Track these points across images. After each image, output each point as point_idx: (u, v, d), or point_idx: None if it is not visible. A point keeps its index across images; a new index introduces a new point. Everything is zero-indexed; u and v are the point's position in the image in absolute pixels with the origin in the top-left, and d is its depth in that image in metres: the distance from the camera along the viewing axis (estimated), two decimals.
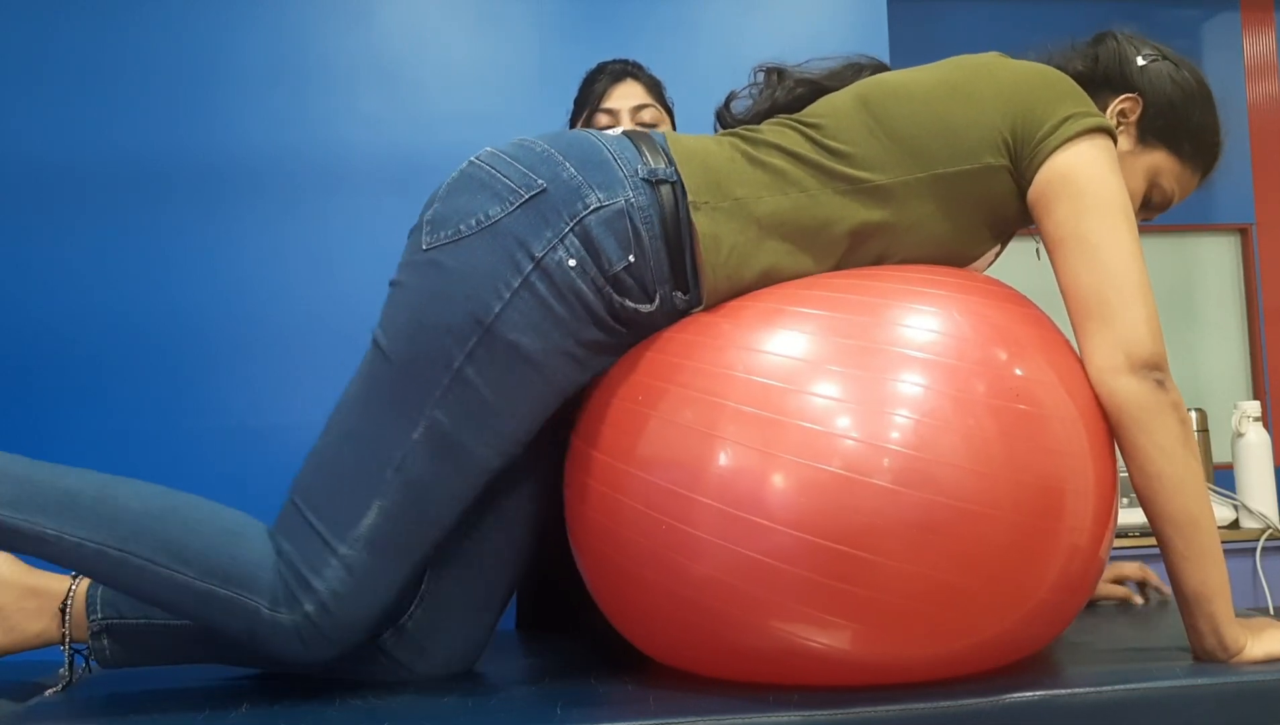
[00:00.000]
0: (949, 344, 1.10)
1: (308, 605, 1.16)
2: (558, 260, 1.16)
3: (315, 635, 1.17)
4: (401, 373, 1.17)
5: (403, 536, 1.18)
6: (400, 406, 1.16)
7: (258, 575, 1.17)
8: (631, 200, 1.18)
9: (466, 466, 1.18)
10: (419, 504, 1.18)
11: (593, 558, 1.23)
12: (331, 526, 1.17)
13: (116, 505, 1.18)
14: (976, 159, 1.22)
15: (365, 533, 1.16)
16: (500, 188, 1.18)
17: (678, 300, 1.21)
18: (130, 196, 2.29)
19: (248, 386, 2.29)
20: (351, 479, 1.17)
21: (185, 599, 1.18)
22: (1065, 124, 1.20)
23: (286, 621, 1.16)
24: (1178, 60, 1.36)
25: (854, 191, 1.22)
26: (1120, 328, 1.15)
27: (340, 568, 1.16)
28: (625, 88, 2.01)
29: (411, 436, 1.16)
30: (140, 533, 1.17)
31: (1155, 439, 1.14)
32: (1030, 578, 1.10)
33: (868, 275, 1.21)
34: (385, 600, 1.19)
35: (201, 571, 1.17)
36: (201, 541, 1.18)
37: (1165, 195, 1.37)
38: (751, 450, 1.07)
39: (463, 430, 1.17)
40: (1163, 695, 1.11)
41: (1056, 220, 1.20)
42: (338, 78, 2.37)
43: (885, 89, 1.27)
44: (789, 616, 1.07)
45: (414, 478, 1.17)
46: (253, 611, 1.17)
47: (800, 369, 1.09)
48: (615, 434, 1.17)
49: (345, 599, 1.16)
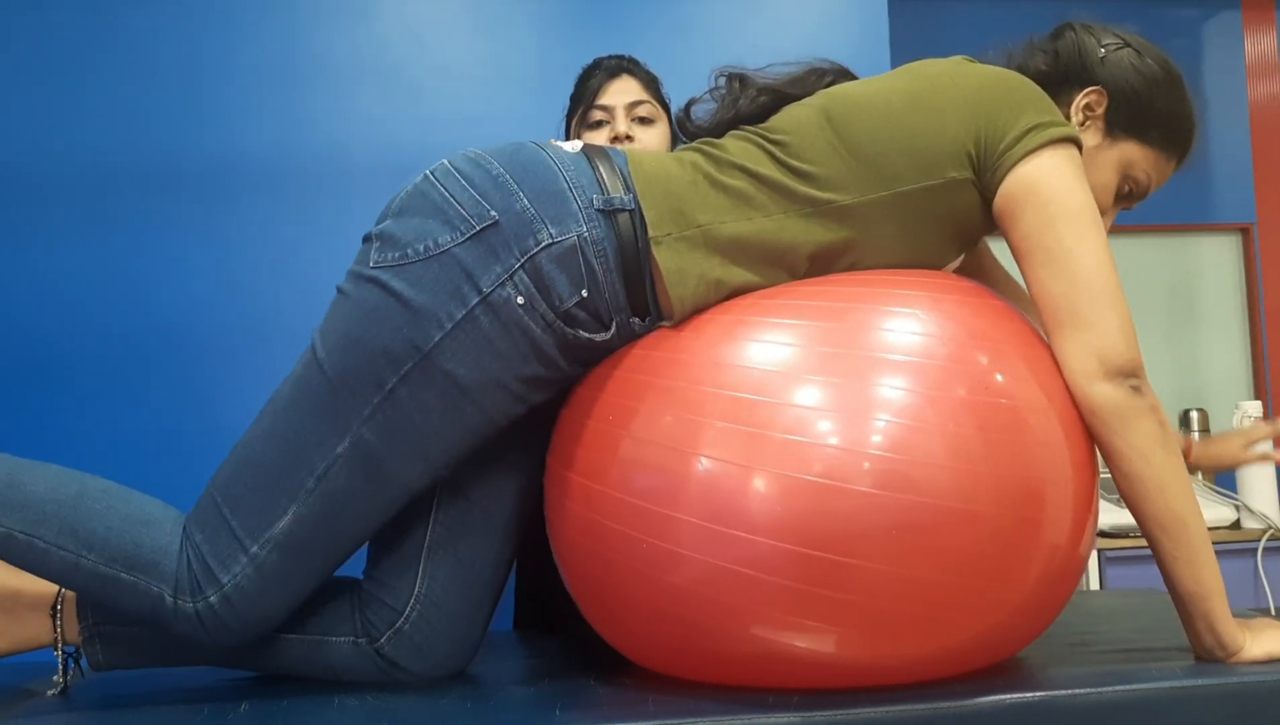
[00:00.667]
0: (922, 344, 1.10)
1: (211, 596, 1.18)
2: (505, 297, 1.15)
3: (217, 624, 1.19)
4: (334, 385, 1.17)
5: (315, 543, 1.19)
6: (329, 418, 1.17)
7: (161, 563, 1.19)
8: (585, 235, 1.17)
9: (388, 484, 1.19)
10: (336, 515, 1.18)
11: (577, 576, 1.23)
12: (245, 525, 1.18)
13: (23, 489, 1.20)
14: (940, 173, 1.21)
15: (278, 535, 1.18)
16: (452, 214, 1.17)
17: (635, 326, 1.21)
18: (130, 196, 2.29)
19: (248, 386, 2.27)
20: (271, 481, 1.18)
21: (90, 583, 1.20)
22: (1029, 135, 1.19)
23: (189, 609, 1.19)
24: (1140, 46, 1.33)
25: (816, 214, 1.21)
26: (1094, 335, 1.14)
27: (249, 565, 1.18)
28: (621, 84, 2.00)
29: (336, 449, 1.16)
30: (46, 518, 1.19)
31: (1134, 443, 1.14)
32: (1014, 574, 1.09)
33: (834, 281, 1.20)
34: (289, 600, 1.22)
35: (105, 557, 1.19)
36: (107, 528, 1.20)
37: (1141, 186, 1.34)
38: (728, 464, 1.07)
39: (389, 450, 1.17)
40: (1163, 695, 1.11)
41: (1023, 231, 1.19)
42: (338, 78, 2.37)
43: (849, 102, 1.26)
44: (775, 625, 1.07)
45: (334, 489, 1.17)
46: (157, 597, 1.19)
47: (773, 380, 1.09)
48: (590, 456, 1.17)
49: (249, 595, 1.19)
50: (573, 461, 1.19)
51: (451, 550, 1.27)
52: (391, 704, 1.17)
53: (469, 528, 1.28)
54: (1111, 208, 1.34)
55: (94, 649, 1.29)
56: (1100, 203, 1.28)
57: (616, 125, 1.96)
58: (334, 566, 1.23)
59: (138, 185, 2.29)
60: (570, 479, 1.19)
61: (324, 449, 1.17)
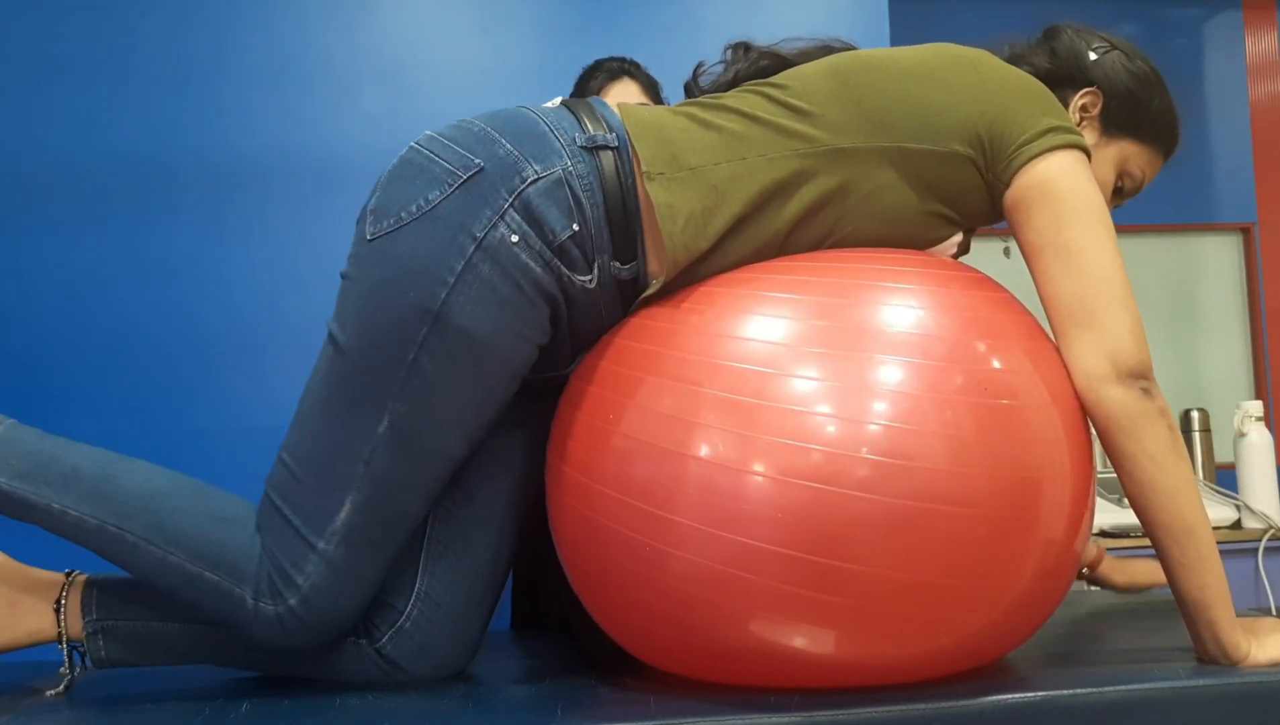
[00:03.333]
0: (923, 341, 1.09)
1: (291, 599, 1.18)
2: (499, 237, 1.15)
3: (298, 625, 1.19)
4: (359, 368, 1.17)
5: (378, 529, 1.20)
6: (362, 401, 1.17)
7: (245, 565, 1.20)
8: (570, 168, 1.17)
9: (432, 457, 1.20)
10: (390, 497, 1.19)
11: (578, 571, 1.23)
12: (308, 523, 1.19)
13: (117, 484, 1.22)
14: (944, 143, 1.21)
15: (341, 528, 1.18)
16: (438, 171, 1.17)
17: (617, 270, 1.20)
18: (131, 196, 2.29)
19: (248, 385, 2.29)
20: (323, 476, 1.19)
21: (175, 579, 1.21)
22: (1049, 134, 1.19)
23: (270, 612, 1.19)
24: (1128, 50, 1.36)
25: (813, 154, 1.20)
26: (1106, 336, 1.14)
27: (320, 563, 1.18)
28: (621, 86, 2.00)
29: (377, 431, 1.17)
30: (137, 512, 1.21)
31: (1145, 446, 1.14)
32: (1010, 570, 1.09)
33: (831, 269, 1.18)
34: (366, 591, 1.22)
35: (192, 555, 1.20)
36: (195, 525, 1.21)
37: (1135, 181, 1.38)
38: (723, 464, 1.06)
39: (426, 421, 1.17)
40: (1163, 695, 1.10)
41: (1036, 228, 1.19)
42: (338, 77, 2.37)
43: (859, 60, 1.27)
44: (771, 624, 1.07)
45: (382, 472, 1.18)
46: (239, 599, 1.19)
47: (770, 378, 1.08)
48: (588, 452, 1.17)
49: (326, 593, 1.19)
50: (571, 457, 1.19)
51: (451, 547, 1.27)
52: (392, 704, 1.17)
53: (468, 525, 1.28)
54: (1108, 203, 1.36)
55: (96, 645, 1.29)
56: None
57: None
58: (397, 551, 1.23)
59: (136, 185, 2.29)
60: (569, 475, 1.19)
61: (365, 434, 1.17)
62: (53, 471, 1.22)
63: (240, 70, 2.34)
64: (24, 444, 1.24)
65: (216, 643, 1.29)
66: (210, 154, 2.32)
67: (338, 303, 1.21)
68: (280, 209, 2.33)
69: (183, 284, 2.29)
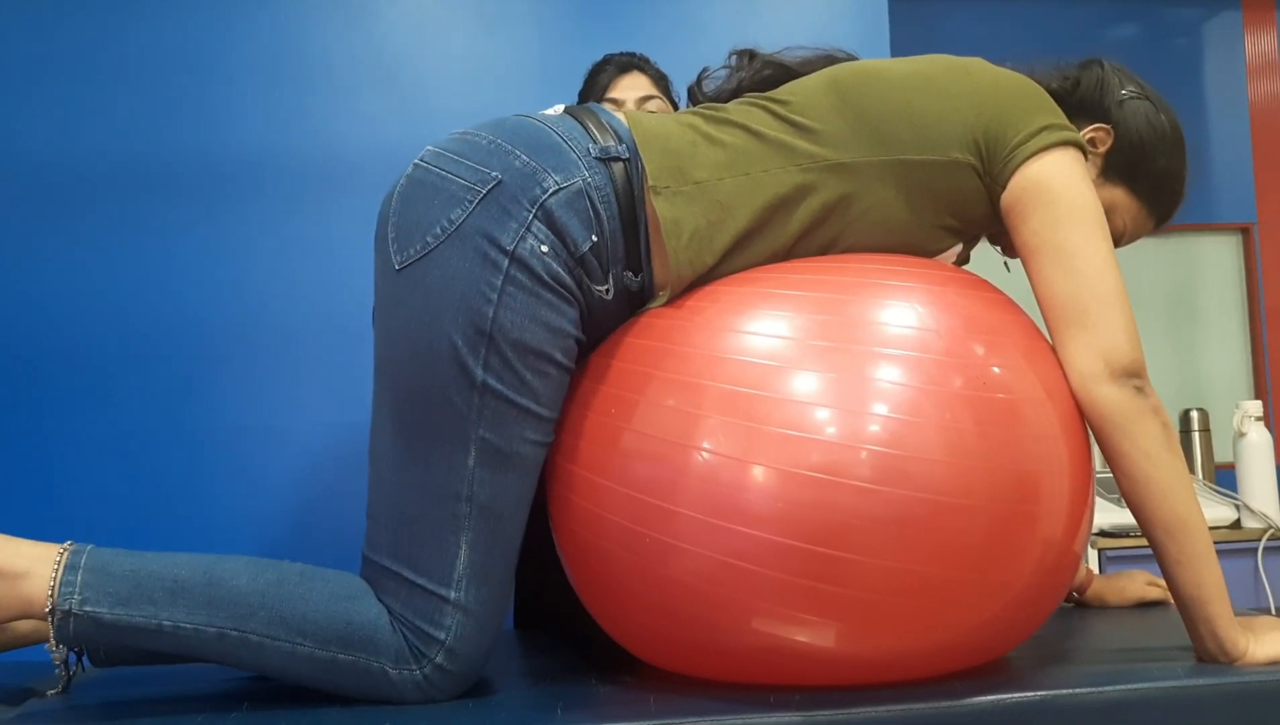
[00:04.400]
0: (920, 337, 1.10)
1: (437, 657, 1.16)
2: (530, 248, 1.14)
3: (446, 680, 1.17)
4: (429, 405, 1.15)
5: (496, 558, 1.18)
6: (443, 440, 1.15)
7: (377, 637, 1.17)
8: (589, 180, 1.18)
9: (523, 468, 1.18)
10: (498, 524, 1.18)
11: (579, 568, 1.23)
12: (434, 578, 1.16)
13: (226, 586, 1.17)
14: (944, 152, 1.22)
15: (466, 571, 1.16)
16: (455, 188, 1.17)
17: (628, 281, 1.21)
18: (131, 196, 2.29)
19: (249, 385, 2.29)
20: (432, 527, 1.16)
21: (308, 669, 1.17)
22: (1041, 133, 1.20)
23: (416, 676, 1.16)
24: (1158, 102, 1.36)
25: (815, 169, 1.21)
26: (1099, 335, 1.15)
27: (458, 613, 1.16)
28: (631, 79, 2.01)
29: (467, 463, 1.15)
30: (254, 611, 1.16)
31: (1139, 444, 1.15)
32: (1010, 565, 1.09)
33: (832, 270, 1.19)
34: (500, 621, 1.21)
35: (321, 641, 1.16)
36: (315, 611, 1.17)
37: (1117, 232, 1.35)
38: (726, 457, 1.07)
39: (509, 439, 1.16)
40: (1163, 695, 1.11)
41: (1032, 228, 1.20)
42: (338, 77, 2.37)
43: (858, 72, 1.27)
44: (773, 618, 1.07)
45: (485, 502, 1.16)
46: (379, 673, 1.16)
47: (771, 374, 1.09)
48: (590, 448, 1.17)
49: (469, 639, 1.17)
50: (573, 454, 1.19)
51: None
52: (392, 704, 1.17)
53: None
54: None
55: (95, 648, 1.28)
56: None
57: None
58: (514, 568, 1.22)
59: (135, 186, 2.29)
60: (571, 471, 1.19)
61: (457, 471, 1.15)
62: (155, 589, 1.15)
63: (240, 70, 2.34)
64: (116, 568, 1.16)
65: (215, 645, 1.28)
66: (210, 154, 2.31)
67: (382, 342, 1.19)
68: (280, 209, 2.32)
69: (182, 284, 2.29)
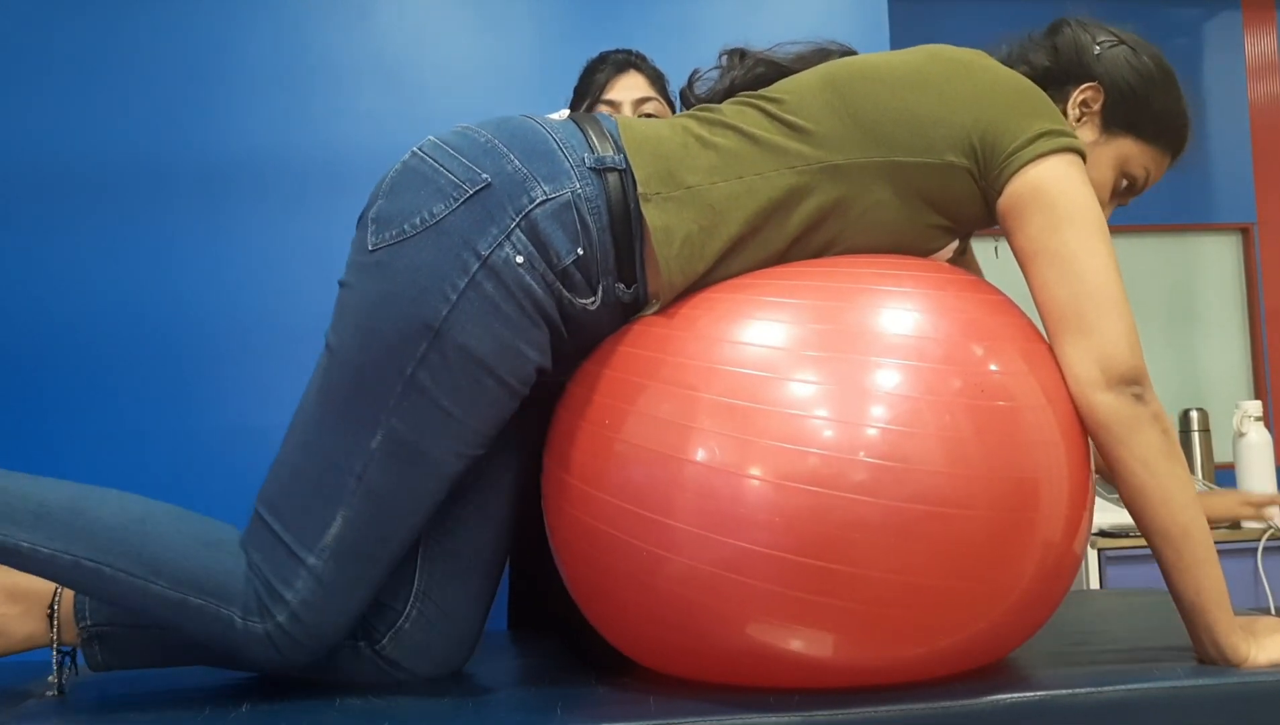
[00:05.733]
0: (919, 345, 1.09)
1: (279, 615, 1.17)
2: (504, 258, 1.14)
3: (289, 643, 1.18)
4: (355, 380, 1.16)
5: (369, 544, 1.18)
6: (356, 415, 1.16)
7: (230, 585, 1.17)
8: (579, 191, 1.16)
9: (427, 472, 1.18)
10: (382, 513, 1.17)
11: (575, 576, 1.23)
12: (298, 538, 1.17)
13: (89, 517, 1.18)
14: (938, 155, 1.20)
15: (332, 543, 1.16)
16: (444, 183, 1.16)
17: (620, 292, 1.19)
18: (132, 195, 2.29)
19: (249, 384, 2.29)
20: (314, 490, 1.17)
21: (159, 608, 1.18)
22: (1041, 139, 1.18)
23: (259, 630, 1.17)
24: (1135, 44, 1.33)
25: (809, 170, 1.20)
26: (1097, 342, 1.14)
27: (310, 578, 1.17)
28: (628, 79, 1.99)
29: (370, 445, 1.15)
30: (114, 544, 1.17)
31: (1136, 453, 1.14)
32: (1010, 572, 1.09)
33: (828, 274, 1.18)
34: (357, 606, 1.20)
35: (174, 582, 1.17)
36: (174, 552, 1.18)
37: (1138, 181, 1.34)
38: (721, 468, 1.06)
39: (421, 437, 1.16)
40: (1163, 695, 1.10)
41: (1029, 234, 1.18)
42: (338, 77, 2.37)
43: (853, 70, 1.26)
44: (770, 629, 1.07)
45: (375, 487, 1.16)
46: (226, 620, 1.17)
47: (767, 384, 1.07)
48: (585, 458, 1.16)
49: (316, 608, 1.17)
50: (568, 463, 1.19)
51: (447, 545, 1.27)
52: (392, 704, 1.17)
53: (463, 522, 1.28)
54: (1109, 202, 1.34)
55: (92, 650, 1.28)
56: (1098, 198, 1.28)
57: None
58: (390, 568, 1.21)
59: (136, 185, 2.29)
60: (566, 481, 1.19)
61: (359, 448, 1.15)
62: (19, 510, 1.16)
63: (240, 70, 2.34)
64: None
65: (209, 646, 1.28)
66: (210, 154, 2.32)
67: (336, 313, 1.20)
68: (280, 208, 2.33)
69: (182, 284, 2.29)
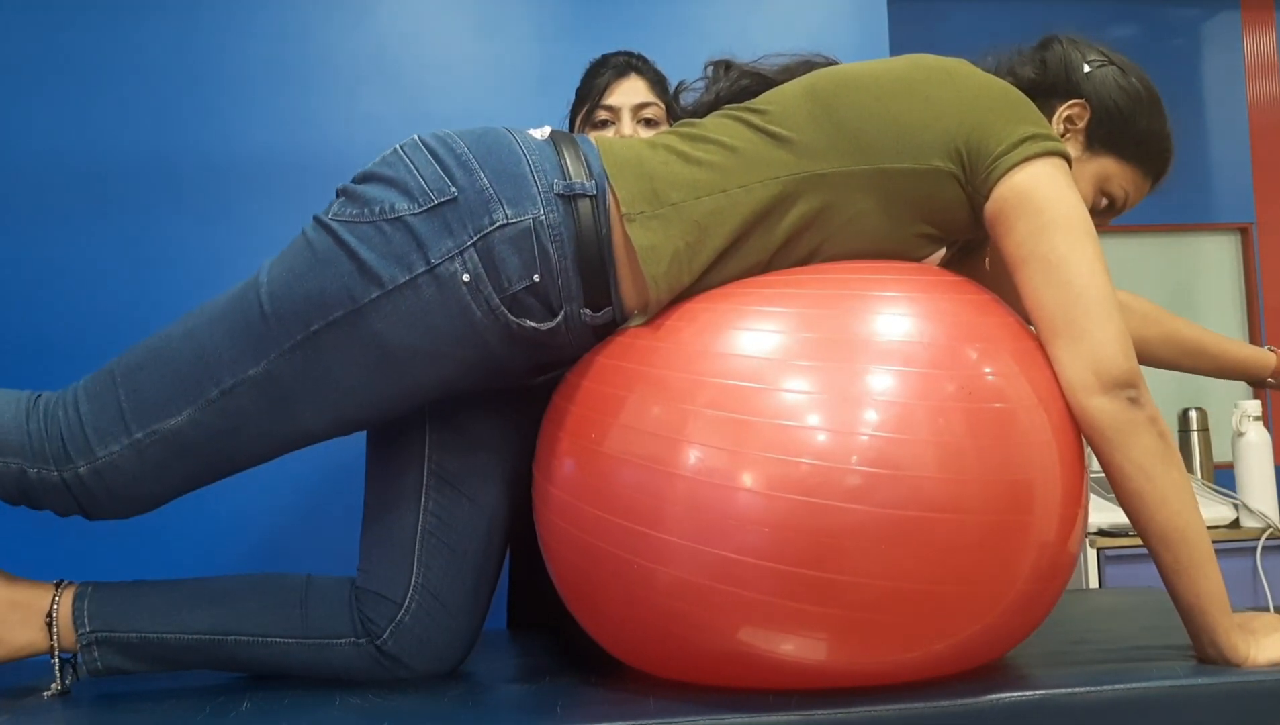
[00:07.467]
0: (909, 350, 1.08)
1: (80, 467, 1.21)
2: (451, 272, 1.15)
3: (85, 493, 1.22)
4: (264, 311, 1.18)
5: (200, 452, 1.22)
6: (250, 339, 1.19)
7: (9, 438, 1.22)
8: (541, 218, 1.17)
9: (289, 423, 1.21)
10: (228, 432, 1.21)
11: (568, 587, 1.23)
12: (136, 411, 1.21)
13: None
14: (924, 160, 1.20)
15: (166, 431, 1.20)
16: (413, 186, 1.18)
17: (586, 317, 1.20)
18: (133, 195, 2.29)
19: None
20: (176, 379, 1.20)
21: None
22: (1026, 143, 1.18)
23: (54, 478, 1.21)
24: (1124, 65, 1.35)
25: (793, 180, 1.20)
26: (1090, 346, 1.13)
27: (129, 448, 1.20)
28: (628, 84, 1.98)
29: (248, 371, 1.19)
30: None
31: (1131, 457, 1.13)
32: (1005, 574, 1.09)
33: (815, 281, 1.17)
34: (162, 492, 1.24)
35: None
36: None
37: (1117, 201, 1.36)
38: (711, 482, 1.05)
39: (298, 388, 1.19)
40: (1163, 695, 1.11)
41: (1017, 240, 1.18)
42: (338, 78, 2.37)
43: (837, 79, 1.26)
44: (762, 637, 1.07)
45: (233, 408, 1.20)
46: (16, 473, 1.22)
47: (754, 395, 1.07)
48: (572, 472, 1.16)
49: (124, 474, 1.21)
50: (556, 476, 1.19)
51: (444, 539, 1.28)
52: (392, 703, 1.17)
53: (459, 516, 1.29)
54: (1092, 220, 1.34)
55: (91, 656, 1.28)
56: None
57: (622, 126, 1.95)
58: (210, 481, 1.26)
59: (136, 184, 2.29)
60: (553, 494, 1.19)
61: (236, 367, 1.19)
62: None
63: (241, 70, 2.34)
64: None
65: (212, 649, 1.29)
66: (211, 153, 2.31)
67: (284, 250, 1.22)
68: (281, 209, 2.32)
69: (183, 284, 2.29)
